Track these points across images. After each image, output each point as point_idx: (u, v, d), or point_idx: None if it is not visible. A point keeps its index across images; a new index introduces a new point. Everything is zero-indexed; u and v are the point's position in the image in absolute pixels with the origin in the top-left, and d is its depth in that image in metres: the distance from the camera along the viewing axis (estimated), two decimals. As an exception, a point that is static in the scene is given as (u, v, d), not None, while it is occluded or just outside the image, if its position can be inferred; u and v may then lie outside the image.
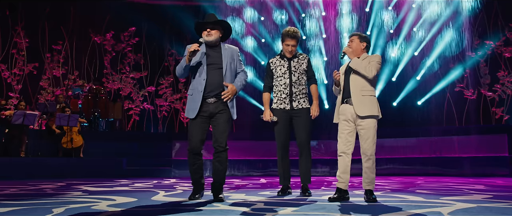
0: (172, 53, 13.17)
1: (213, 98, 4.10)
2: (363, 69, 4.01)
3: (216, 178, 4.20)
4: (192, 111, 4.10)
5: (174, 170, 9.32)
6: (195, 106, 4.08)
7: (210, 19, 4.22)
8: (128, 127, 12.59)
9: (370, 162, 4.00)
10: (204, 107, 4.09)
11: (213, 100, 4.10)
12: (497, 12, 11.28)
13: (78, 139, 9.12)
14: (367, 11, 11.99)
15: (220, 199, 4.04)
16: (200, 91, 4.07)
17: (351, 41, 4.18)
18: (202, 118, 4.11)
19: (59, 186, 6.16)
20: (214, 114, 4.12)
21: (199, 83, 4.09)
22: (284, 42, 4.78)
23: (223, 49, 4.23)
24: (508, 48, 11.16)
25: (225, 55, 4.20)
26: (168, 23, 12.96)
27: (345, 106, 4.11)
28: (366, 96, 4.02)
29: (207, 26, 4.17)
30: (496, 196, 4.33)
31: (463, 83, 11.40)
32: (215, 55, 4.18)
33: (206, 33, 4.17)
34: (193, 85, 4.17)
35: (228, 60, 4.19)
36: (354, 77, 4.08)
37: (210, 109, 4.10)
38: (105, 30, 12.93)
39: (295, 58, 4.82)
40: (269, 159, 9.48)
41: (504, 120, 10.99)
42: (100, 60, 12.86)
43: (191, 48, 4.02)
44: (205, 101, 4.09)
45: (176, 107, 12.98)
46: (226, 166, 4.20)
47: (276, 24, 12.25)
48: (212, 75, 4.10)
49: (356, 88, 4.04)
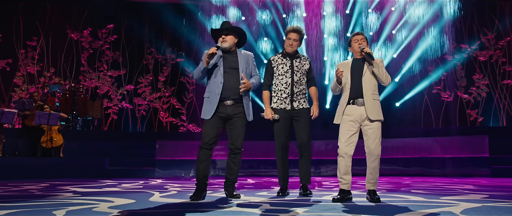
0: (151, 52, 12.95)
1: (230, 100, 4.29)
2: (384, 75, 4.02)
3: (231, 176, 4.44)
4: (208, 112, 4.28)
5: (158, 170, 9.16)
6: (212, 108, 4.26)
7: (225, 26, 4.42)
8: (106, 126, 12.31)
9: (376, 162, 4.03)
10: (221, 109, 4.28)
11: (231, 102, 4.29)
12: (473, 17, 11.62)
13: (58, 138, 8.83)
14: (348, 13, 12.13)
15: (237, 195, 4.34)
16: (217, 94, 4.25)
17: (362, 41, 4.16)
18: (218, 118, 4.29)
19: (43, 187, 5.96)
20: (231, 116, 4.32)
21: (216, 86, 4.28)
22: (286, 36, 4.79)
23: (239, 54, 4.44)
24: (482, 52, 11.52)
25: (241, 59, 4.41)
26: (148, 21, 12.74)
27: (352, 107, 4.07)
28: (376, 100, 4.05)
29: (222, 33, 4.36)
30: (492, 195, 4.44)
31: (441, 85, 11.70)
32: (231, 59, 4.37)
33: (221, 40, 4.35)
34: (209, 88, 4.35)
35: (244, 65, 4.40)
36: (368, 79, 4.05)
37: (228, 111, 4.30)
38: (82, 27, 12.59)
39: (297, 58, 4.80)
40: (254, 159, 9.46)
41: (479, 122, 11.34)
42: (77, 58, 12.51)
43: (210, 51, 4.16)
44: (223, 103, 4.28)
45: (155, 106, 12.77)
46: (240, 166, 4.49)
47: (259, 24, 12.25)
48: (228, 78, 4.29)
49: (369, 91, 4.03)
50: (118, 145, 10.28)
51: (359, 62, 4.15)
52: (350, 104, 4.10)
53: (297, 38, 4.72)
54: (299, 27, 4.79)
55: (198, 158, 4.31)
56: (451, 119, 11.52)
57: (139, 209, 3.58)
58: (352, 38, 4.25)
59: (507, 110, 11.16)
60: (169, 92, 12.84)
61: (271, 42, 12.27)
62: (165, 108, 12.79)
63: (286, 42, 4.76)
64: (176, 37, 12.82)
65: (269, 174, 9.17)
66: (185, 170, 9.25)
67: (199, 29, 12.47)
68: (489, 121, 11.31)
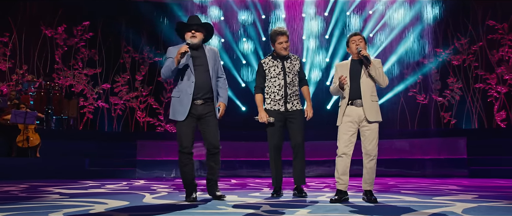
0: (128, 50, 12.70)
1: (201, 100, 4.19)
2: (381, 77, 4.07)
3: (213, 177, 4.38)
4: (181, 113, 4.16)
5: (139, 171, 8.98)
6: (185, 109, 4.15)
7: (194, 21, 4.27)
8: (81, 126, 11.99)
9: (373, 162, 4.08)
10: (193, 109, 4.17)
11: (201, 102, 4.20)
12: (448, 22, 11.94)
13: (34, 138, 8.52)
14: (326, 15, 12.25)
15: (221, 197, 4.27)
16: (189, 93, 4.15)
17: (360, 41, 4.15)
18: (191, 119, 4.19)
19: (24, 189, 5.76)
20: (202, 115, 4.23)
21: (187, 85, 4.16)
22: (276, 41, 4.72)
23: (206, 51, 4.31)
24: (456, 56, 11.85)
25: (209, 56, 4.29)
26: (125, 19, 12.50)
27: (351, 108, 4.09)
28: (375, 101, 4.09)
29: (192, 28, 4.21)
30: (481, 195, 4.57)
31: (416, 88, 11.97)
32: (200, 56, 4.24)
33: (190, 35, 4.20)
34: (179, 87, 4.22)
35: (212, 62, 4.29)
36: (366, 81, 4.08)
37: (199, 111, 4.20)
38: (57, 23, 12.22)
39: (288, 58, 4.79)
40: (236, 160, 9.41)
41: (452, 124, 11.67)
42: (51, 55, 12.14)
43: (181, 50, 4.04)
44: (194, 103, 4.17)
45: (132, 106, 12.52)
46: (220, 165, 4.40)
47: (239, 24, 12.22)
48: (199, 76, 4.18)
49: (367, 92, 4.06)
50: (95, 145, 10.01)
51: (357, 63, 4.17)
52: (349, 105, 4.12)
53: (287, 40, 4.73)
54: (285, 29, 4.81)
55: (181, 163, 4.23)
56: (426, 121, 11.80)
57: (139, 211, 3.51)
58: (350, 38, 4.23)
59: (479, 113, 11.53)
60: (146, 92, 12.63)
61: (252, 42, 12.26)
62: (142, 108, 12.57)
63: (278, 47, 4.70)
64: (154, 36, 12.62)
65: (252, 175, 9.15)
66: (166, 170, 9.11)
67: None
68: (462, 123, 11.66)
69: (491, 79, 11.49)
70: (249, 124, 11.71)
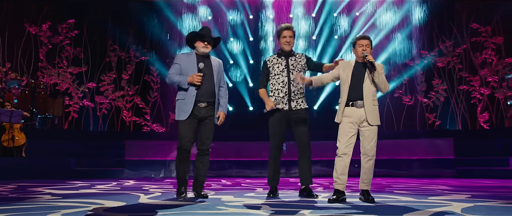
0: (115, 49, 12.54)
1: (204, 103, 4.46)
2: (383, 84, 4.12)
3: (200, 177, 4.60)
4: (184, 113, 4.41)
5: (126, 171, 8.87)
6: (187, 110, 4.40)
7: (207, 32, 4.56)
8: (65, 125, 11.79)
9: (371, 162, 4.13)
10: (196, 111, 4.42)
11: (205, 105, 4.46)
12: (433, 25, 12.13)
13: (20, 137, 8.34)
14: (314, 16, 12.31)
15: (205, 195, 4.51)
16: (192, 96, 4.41)
17: (367, 47, 4.18)
18: (193, 119, 4.44)
19: (12, 189, 5.64)
20: (204, 117, 4.49)
21: (193, 89, 4.41)
22: (280, 36, 4.77)
23: (212, 60, 4.63)
24: (441, 58, 12.05)
25: (215, 66, 4.60)
26: (111, 17, 12.34)
27: (352, 109, 4.13)
28: (375, 106, 4.15)
29: (206, 40, 4.51)
30: (474, 195, 4.65)
31: (402, 89, 12.13)
32: (206, 64, 4.50)
33: (202, 45, 4.51)
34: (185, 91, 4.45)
35: (217, 70, 4.60)
36: (368, 85, 4.13)
37: (202, 113, 4.46)
38: (41, 21, 11.99)
39: (292, 56, 4.81)
40: (225, 160, 9.38)
41: (436, 125, 11.86)
42: (35, 53, 11.91)
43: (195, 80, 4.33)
44: (197, 105, 4.42)
45: (118, 105, 12.37)
46: (208, 166, 4.67)
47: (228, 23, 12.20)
48: (205, 82, 4.45)
49: (369, 96, 4.12)
50: (81, 144, 9.85)
51: (361, 67, 4.21)
52: (348, 106, 4.15)
53: (292, 35, 4.75)
54: (289, 24, 4.84)
55: (179, 159, 4.46)
56: (412, 122, 11.96)
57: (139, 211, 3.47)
58: (357, 41, 4.22)
59: (463, 114, 11.74)
60: (132, 91, 12.49)
61: (240, 42, 12.24)
62: (129, 107, 12.43)
63: (282, 41, 4.75)
64: (141, 34, 12.49)
65: (242, 175, 9.14)
66: (154, 171, 9.03)
67: (166, 26, 12.24)
68: (446, 124, 11.86)
69: (474, 81, 11.73)
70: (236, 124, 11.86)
